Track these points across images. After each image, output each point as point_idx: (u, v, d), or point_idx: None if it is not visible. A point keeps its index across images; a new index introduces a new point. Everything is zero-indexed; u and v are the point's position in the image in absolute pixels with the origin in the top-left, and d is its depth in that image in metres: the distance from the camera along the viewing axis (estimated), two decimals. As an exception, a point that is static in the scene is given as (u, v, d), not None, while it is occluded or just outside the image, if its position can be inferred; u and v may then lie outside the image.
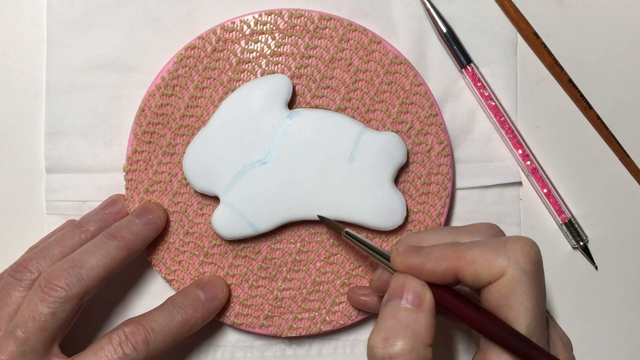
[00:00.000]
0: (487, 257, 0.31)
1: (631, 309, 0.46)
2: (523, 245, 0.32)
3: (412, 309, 0.32)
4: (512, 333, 0.31)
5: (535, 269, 0.31)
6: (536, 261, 0.32)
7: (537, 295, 0.31)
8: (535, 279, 0.31)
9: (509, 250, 0.31)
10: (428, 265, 0.33)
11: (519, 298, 0.31)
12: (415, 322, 0.32)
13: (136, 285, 0.44)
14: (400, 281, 0.33)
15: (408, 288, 0.33)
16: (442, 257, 0.33)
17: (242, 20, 0.42)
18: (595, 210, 0.46)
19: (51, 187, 0.44)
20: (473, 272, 0.32)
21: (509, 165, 0.45)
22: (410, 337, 0.31)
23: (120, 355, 0.37)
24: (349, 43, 0.42)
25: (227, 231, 0.41)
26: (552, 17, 0.45)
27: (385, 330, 0.32)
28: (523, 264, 0.31)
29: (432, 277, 0.33)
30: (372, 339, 0.32)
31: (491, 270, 0.31)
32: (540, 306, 0.32)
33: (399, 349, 0.31)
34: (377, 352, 0.32)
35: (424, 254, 0.33)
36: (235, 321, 0.43)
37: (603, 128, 0.45)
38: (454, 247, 0.33)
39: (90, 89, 0.44)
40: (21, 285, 0.38)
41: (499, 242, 0.32)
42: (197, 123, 0.42)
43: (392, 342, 0.31)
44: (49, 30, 0.43)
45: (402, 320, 0.32)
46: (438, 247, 0.33)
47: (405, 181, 0.43)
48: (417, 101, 0.42)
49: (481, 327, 0.31)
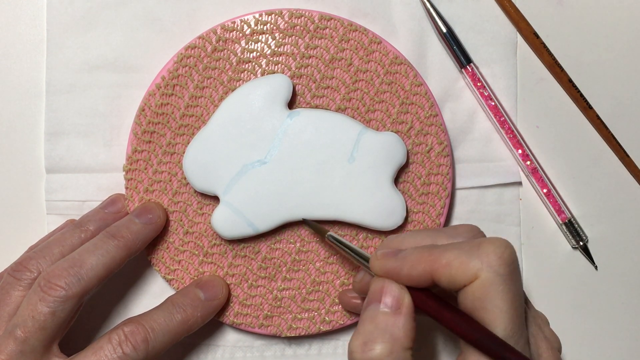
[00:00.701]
0: (461, 260, 0.31)
1: (631, 309, 0.46)
2: (497, 248, 0.31)
3: (391, 313, 0.32)
4: (488, 336, 0.30)
5: (510, 270, 0.31)
6: (510, 262, 0.31)
7: (512, 296, 0.31)
8: (510, 281, 0.31)
9: (482, 253, 0.31)
10: (405, 269, 0.33)
11: (494, 300, 0.31)
12: (393, 326, 0.32)
13: (136, 285, 0.44)
14: (379, 285, 0.33)
15: (386, 292, 0.33)
16: (418, 261, 0.33)
17: (242, 20, 0.42)
18: (595, 210, 0.46)
19: (51, 187, 0.44)
20: (448, 275, 0.32)
21: (509, 165, 0.45)
22: (388, 341, 0.31)
23: (120, 354, 0.37)
24: (349, 43, 0.42)
25: (227, 231, 0.41)
26: (552, 17, 0.45)
27: (363, 334, 0.32)
28: (497, 266, 0.31)
29: (409, 280, 0.33)
30: (351, 343, 0.32)
31: (465, 273, 0.31)
32: (517, 307, 0.31)
33: (377, 353, 0.31)
34: (356, 357, 0.32)
35: (401, 258, 0.33)
36: (235, 321, 0.43)
37: (603, 128, 0.45)
38: (429, 250, 0.33)
39: (90, 89, 0.44)
40: (21, 285, 0.38)
41: (473, 244, 0.32)
42: (197, 123, 0.42)
43: (370, 346, 0.31)
44: (49, 30, 0.43)
45: (380, 324, 0.32)
46: (414, 251, 0.33)
47: (405, 181, 0.43)
48: (417, 101, 0.42)
49: (458, 330, 0.31)
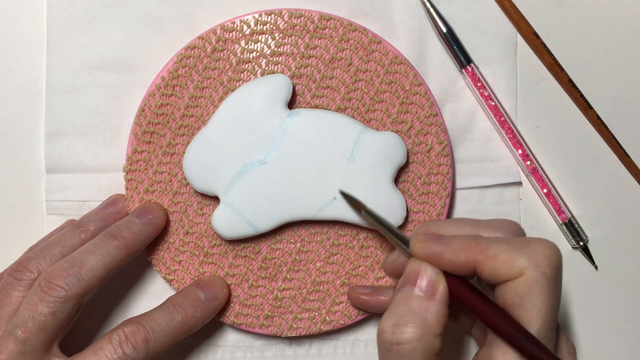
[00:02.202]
0: (509, 255, 0.31)
1: (631, 309, 0.46)
2: (546, 249, 0.32)
3: (425, 298, 0.32)
4: (524, 333, 0.30)
5: (555, 273, 0.31)
6: (557, 266, 0.32)
7: (552, 300, 0.31)
8: (553, 284, 0.31)
9: (531, 251, 0.31)
10: (447, 255, 0.33)
11: (534, 300, 0.31)
12: (426, 311, 0.32)
13: (136, 285, 0.44)
14: (415, 268, 0.33)
15: (422, 275, 0.33)
16: (463, 249, 0.32)
17: (242, 20, 0.42)
18: (595, 210, 0.46)
19: (51, 187, 0.44)
20: (492, 267, 0.32)
21: (509, 165, 0.45)
22: (419, 325, 0.31)
23: (120, 355, 0.37)
24: (349, 43, 0.42)
25: (227, 231, 0.41)
26: (552, 17, 0.45)
27: (395, 316, 0.32)
28: (544, 267, 0.31)
29: (450, 267, 0.33)
30: (382, 323, 0.32)
31: (511, 268, 0.31)
32: (554, 311, 0.31)
33: (407, 336, 0.31)
34: (385, 337, 0.32)
35: (445, 243, 0.33)
36: (235, 321, 0.43)
37: (603, 128, 0.45)
38: (475, 240, 0.33)
39: (90, 89, 0.44)
40: (21, 285, 0.38)
41: (523, 241, 0.32)
42: (197, 123, 0.42)
43: (401, 328, 0.31)
44: (49, 30, 0.43)
45: (413, 307, 0.32)
46: (459, 238, 0.33)
47: (405, 181, 0.43)
48: (417, 101, 0.42)
49: (493, 323, 0.31)
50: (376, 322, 0.45)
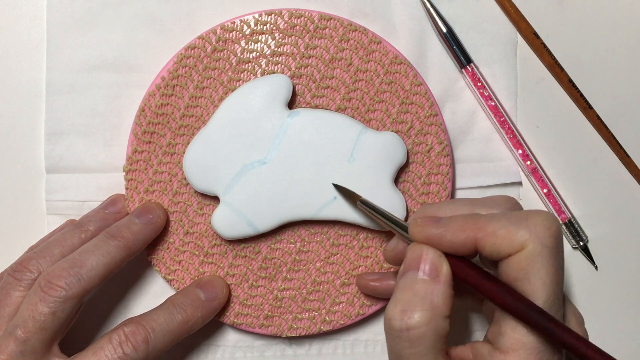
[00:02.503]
0: (509, 229, 0.31)
1: (631, 309, 0.46)
2: (545, 220, 0.31)
3: (429, 281, 0.32)
4: (531, 306, 0.30)
5: (556, 244, 0.31)
6: (557, 236, 0.32)
7: (556, 270, 0.31)
8: (555, 254, 0.31)
9: (530, 224, 0.31)
10: (447, 236, 0.33)
11: (538, 272, 0.31)
12: (432, 294, 0.32)
13: (136, 285, 0.44)
14: (416, 252, 0.33)
15: (425, 259, 0.33)
16: (462, 228, 0.32)
17: (242, 20, 0.42)
18: (595, 210, 0.46)
19: (51, 187, 0.44)
20: (493, 244, 0.31)
21: (509, 165, 0.45)
22: (427, 309, 0.31)
23: (120, 354, 0.37)
24: (349, 43, 0.42)
25: (227, 231, 0.41)
26: (552, 17, 0.45)
27: (402, 302, 0.32)
28: (544, 238, 0.31)
29: (451, 248, 0.33)
30: (389, 310, 0.32)
31: (512, 242, 0.31)
32: (559, 282, 0.31)
33: (417, 320, 0.31)
34: (394, 324, 0.32)
35: (443, 225, 0.33)
36: (235, 321, 0.43)
37: (603, 128, 0.45)
38: (474, 218, 0.33)
39: (90, 89, 0.44)
40: (21, 285, 0.38)
41: (521, 215, 0.32)
42: (197, 123, 0.42)
43: (409, 314, 0.31)
44: (49, 30, 0.43)
45: (419, 292, 0.32)
46: (457, 218, 0.33)
47: (405, 181, 0.43)
48: (417, 101, 0.42)
49: (499, 300, 0.31)
50: (376, 322, 0.45)
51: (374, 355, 0.45)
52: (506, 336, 0.31)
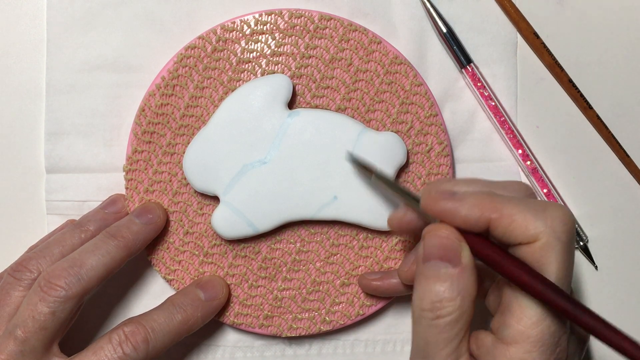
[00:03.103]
0: (526, 216, 0.31)
1: (631, 309, 0.46)
2: (563, 214, 0.31)
3: (453, 270, 0.32)
4: (554, 288, 0.30)
5: (570, 239, 0.31)
6: (572, 232, 0.31)
7: (567, 265, 0.31)
8: (568, 250, 0.31)
9: (548, 216, 0.31)
10: (462, 211, 0.32)
11: (550, 266, 0.31)
12: (459, 282, 0.32)
13: (136, 285, 0.44)
14: (436, 241, 0.33)
15: (446, 247, 0.32)
16: (477, 205, 0.32)
17: (242, 20, 0.42)
18: (595, 210, 0.46)
19: (51, 187, 0.44)
20: (507, 227, 0.31)
21: (509, 165, 0.45)
22: (456, 296, 0.31)
23: (120, 354, 0.37)
24: (349, 43, 0.42)
25: (227, 231, 0.41)
26: (552, 17, 0.45)
27: (431, 292, 0.32)
28: (560, 233, 0.31)
29: (464, 224, 0.32)
30: (420, 300, 0.32)
31: (526, 231, 0.31)
32: (569, 277, 0.31)
33: (448, 309, 0.31)
34: (426, 315, 0.32)
35: (458, 199, 0.32)
36: (235, 321, 0.43)
37: (603, 128, 0.45)
38: (490, 196, 0.32)
39: (90, 89, 0.44)
40: (21, 285, 0.38)
41: (539, 205, 0.32)
42: (197, 123, 0.42)
43: (443, 303, 0.31)
44: (49, 30, 0.43)
45: (445, 280, 0.32)
46: (474, 194, 0.32)
47: (405, 181, 0.43)
48: (417, 101, 0.42)
49: (521, 280, 0.31)
50: (376, 322, 0.45)
51: (374, 355, 0.45)
52: (510, 327, 0.31)
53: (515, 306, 0.32)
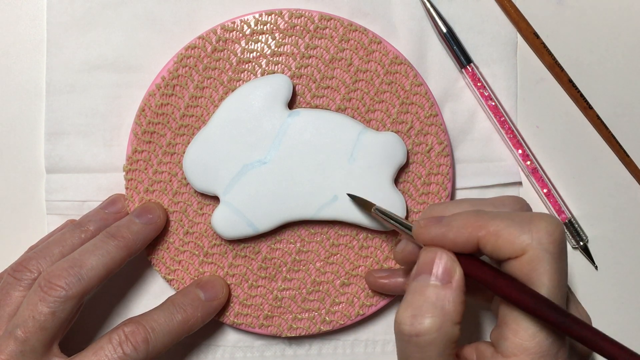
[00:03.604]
0: (511, 231, 0.31)
1: (631, 309, 0.46)
2: (549, 225, 0.31)
3: (441, 286, 0.32)
4: (547, 303, 0.30)
5: (559, 249, 0.31)
6: (560, 242, 0.31)
7: (558, 275, 0.31)
8: (558, 260, 0.31)
9: (533, 228, 0.31)
10: (450, 235, 0.32)
11: (541, 278, 0.31)
12: (443, 300, 0.31)
13: (136, 285, 0.44)
14: (429, 256, 0.33)
15: (438, 263, 0.32)
16: (464, 226, 0.32)
17: (242, 20, 0.42)
18: (595, 210, 0.46)
19: (51, 187, 0.44)
20: (494, 244, 0.31)
21: (509, 165, 0.45)
22: (438, 315, 0.31)
23: (120, 354, 0.37)
24: (349, 43, 0.42)
25: (227, 231, 0.41)
26: (552, 17, 0.45)
27: (413, 307, 0.32)
28: (546, 244, 0.31)
29: (454, 246, 0.32)
30: (400, 314, 0.32)
31: (513, 245, 0.31)
32: (562, 287, 0.31)
33: (427, 327, 0.31)
34: (404, 329, 0.31)
35: (446, 223, 0.33)
36: (235, 321, 0.43)
37: (603, 128, 0.45)
38: (477, 215, 0.32)
39: (90, 89, 0.44)
40: (21, 285, 0.38)
41: (525, 217, 0.32)
42: (198, 123, 0.42)
43: (419, 319, 0.31)
44: (49, 30, 0.43)
45: (430, 297, 0.32)
46: (460, 216, 0.33)
47: (405, 181, 0.43)
48: (417, 101, 0.42)
49: (514, 297, 0.31)
50: (376, 322, 0.45)
51: (374, 355, 0.45)
52: (508, 340, 0.31)
53: (510, 320, 0.31)
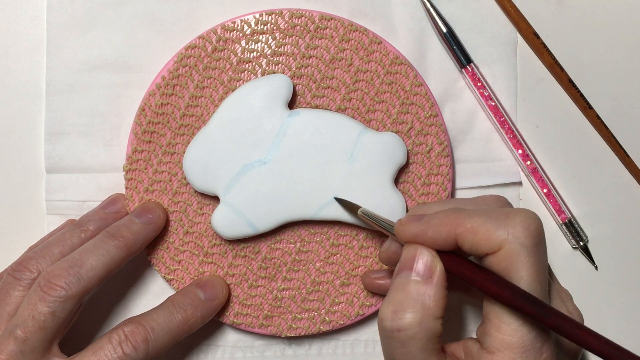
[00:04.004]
0: (487, 227, 0.31)
1: (631, 309, 0.46)
2: (524, 219, 0.31)
3: (422, 282, 0.32)
4: (528, 297, 0.30)
5: (535, 242, 0.31)
6: (536, 235, 0.31)
7: (537, 269, 0.31)
8: (535, 253, 0.31)
9: (509, 223, 0.31)
10: (429, 233, 0.33)
11: (519, 272, 0.31)
12: (424, 295, 0.32)
13: (136, 285, 0.44)
14: (410, 253, 0.33)
15: (418, 259, 0.33)
16: (442, 224, 0.32)
17: (242, 20, 0.42)
18: (595, 210, 0.46)
19: (51, 187, 0.44)
20: (472, 241, 0.31)
21: (509, 165, 0.45)
22: (419, 310, 0.31)
23: (120, 354, 0.37)
24: (350, 43, 0.42)
25: (227, 231, 0.41)
26: (552, 17, 0.45)
27: (394, 302, 0.32)
28: (522, 238, 0.31)
29: (434, 244, 0.33)
30: (381, 310, 0.32)
31: (489, 241, 0.31)
32: (541, 280, 0.31)
33: (408, 322, 0.31)
34: (385, 324, 0.32)
35: (425, 222, 0.33)
36: (235, 321, 0.43)
37: (603, 128, 0.45)
38: (455, 213, 0.32)
39: (90, 89, 0.44)
40: (21, 285, 0.38)
41: (501, 213, 0.32)
42: (198, 123, 0.42)
43: (400, 315, 0.31)
44: (49, 30, 0.43)
45: (411, 293, 0.32)
46: (438, 214, 0.33)
47: (405, 181, 0.43)
48: (417, 101, 0.42)
49: (492, 290, 0.31)
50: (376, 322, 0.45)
51: (374, 355, 0.45)
52: (491, 336, 0.31)
53: (493, 316, 0.32)
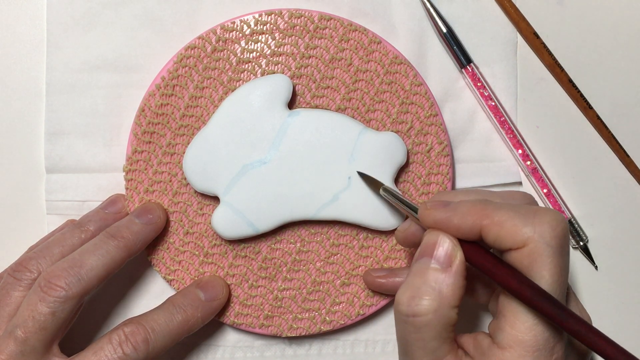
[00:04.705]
0: (514, 222, 0.31)
1: (631, 309, 0.46)
2: (552, 219, 0.31)
3: (441, 270, 0.32)
4: (546, 297, 0.30)
5: (561, 244, 0.31)
6: (562, 237, 0.31)
7: (558, 270, 0.31)
8: (559, 255, 0.31)
9: (537, 221, 0.31)
10: (455, 220, 0.33)
11: (541, 271, 0.31)
12: (442, 283, 0.32)
13: (136, 285, 0.44)
14: (432, 239, 0.33)
15: (439, 247, 0.33)
16: (469, 213, 0.32)
17: (242, 20, 0.42)
18: (595, 210, 0.46)
19: (51, 187, 0.44)
20: (497, 234, 0.32)
21: (509, 165, 0.45)
22: (435, 298, 0.32)
23: (120, 355, 0.37)
24: (349, 43, 0.42)
25: (227, 231, 0.41)
26: (552, 17, 0.45)
27: (412, 288, 0.32)
28: (548, 238, 0.31)
29: (458, 232, 0.33)
30: (399, 295, 0.32)
31: (515, 237, 0.31)
32: (562, 282, 0.31)
33: (423, 308, 0.31)
34: (401, 309, 0.32)
35: (452, 209, 0.33)
36: (235, 321, 0.43)
37: (603, 128, 0.45)
38: (483, 204, 0.32)
39: (90, 89, 0.44)
40: (21, 285, 0.38)
41: (529, 210, 0.32)
42: (197, 123, 0.42)
43: (417, 301, 0.32)
44: (49, 30, 0.43)
45: (429, 280, 0.32)
46: (466, 203, 0.33)
47: (405, 181, 0.43)
48: (417, 101, 0.42)
49: (512, 286, 0.31)
50: (376, 322, 0.45)
51: (374, 355, 0.45)
52: (504, 332, 0.32)
53: (508, 311, 0.32)
